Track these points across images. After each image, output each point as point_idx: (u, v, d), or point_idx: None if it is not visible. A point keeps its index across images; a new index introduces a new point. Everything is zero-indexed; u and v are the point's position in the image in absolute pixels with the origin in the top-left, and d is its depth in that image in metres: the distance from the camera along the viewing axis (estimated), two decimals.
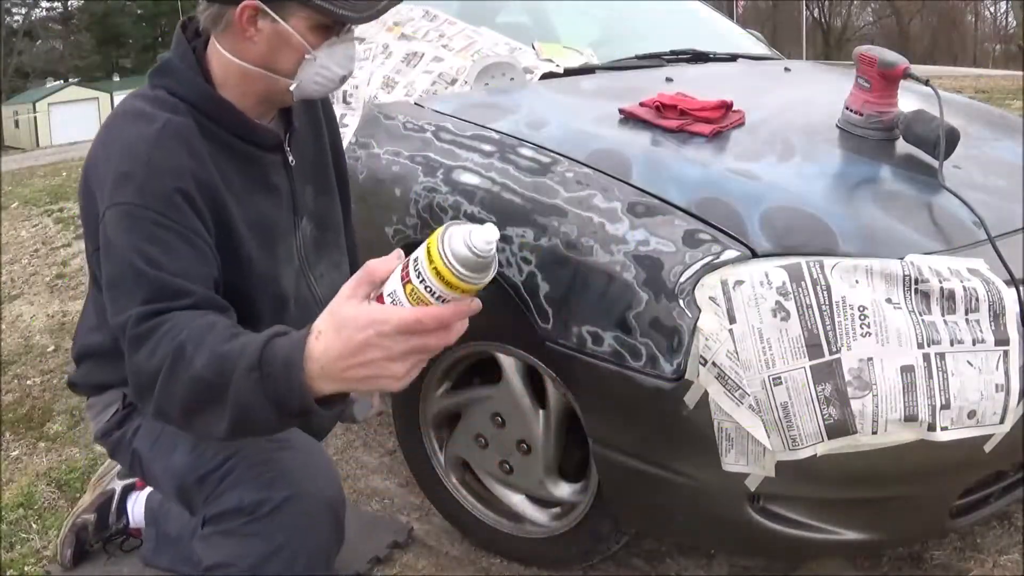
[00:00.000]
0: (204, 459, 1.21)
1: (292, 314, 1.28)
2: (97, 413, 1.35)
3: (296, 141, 1.32)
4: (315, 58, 1.17)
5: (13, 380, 2.89)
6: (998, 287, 1.25)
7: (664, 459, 1.32)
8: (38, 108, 33.46)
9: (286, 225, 1.29)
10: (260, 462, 1.17)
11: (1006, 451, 1.28)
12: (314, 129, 1.39)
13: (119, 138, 1.14)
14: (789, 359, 1.18)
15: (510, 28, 2.38)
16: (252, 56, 1.17)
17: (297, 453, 1.20)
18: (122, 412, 1.32)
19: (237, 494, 1.16)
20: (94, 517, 1.73)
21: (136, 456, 1.31)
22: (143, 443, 1.29)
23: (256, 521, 1.14)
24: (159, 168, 1.09)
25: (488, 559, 1.77)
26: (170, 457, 1.24)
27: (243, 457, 1.18)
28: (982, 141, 1.78)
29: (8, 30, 35.37)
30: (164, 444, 1.26)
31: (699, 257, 1.27)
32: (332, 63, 1.19)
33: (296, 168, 1.31)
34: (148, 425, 1.29)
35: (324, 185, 1.40)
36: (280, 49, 1.16)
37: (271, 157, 1.27)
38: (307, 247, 1.34)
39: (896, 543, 1.61)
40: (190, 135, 1.15)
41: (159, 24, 39.76)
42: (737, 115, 1.68)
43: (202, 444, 1.21)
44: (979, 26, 34.02)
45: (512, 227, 1.46)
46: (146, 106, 1.17)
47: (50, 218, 5.35)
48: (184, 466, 1.22)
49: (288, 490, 1.14)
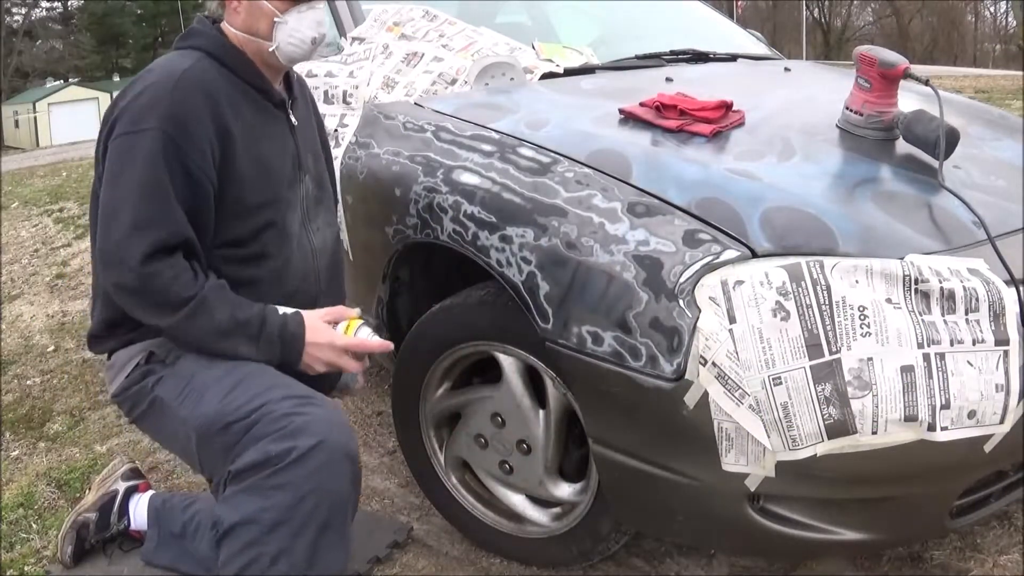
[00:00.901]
0: (231, 407, 1.29)
1: (293, 252, 1.48)
2: (117, 372, 1.44)
3: (296, 109, 1.55)
4: (285, 22, 1.42)
5: (13, 380, 2.89)
6: (998, 287, 1.25)
7: (664, 459, 1.32)
8: (38, 108, 33.46)
9: (291, 175, 1.49)
10: (283, 414, 1.26)
11: (1006, 451, 1.28)
12: (307, 110, 1.61)
13: (147, 81, 1.35)
14: (789, 359, 1.18)
15: (510, 28, 2.38)
16: (239, 24, 1.44)
17: (320, 408, 1.29)
18: (144, 367, 1.41)
19: (262, 446, 1.24)
20: (96, 516, 1.73)
21: (156, 404, 1.39)
22: (168, 391, 1.38)
23: (283, 471, 1.22)
24: (179, 102, 1.32)
25: (488, 559, 1.77)
26: (198, 404, 1.33)
27: (268, 411, 1.27)
28: (982, 141, 1.78)
29: (8, 30, 35.36)
30: (192, 392, 1.35)
31: (699, 257, 1.27)
32: (301, 26, 1.43)
33: (298, 130, 1.53)
34: (174, 377, 1.38)
35: (319, 156, 1.62)
36: (256, 15, 1.42)
37: (279, 113, 1.49)
38: (309, 202, 1.54)
39: (896, 543, 1.61)
40: (208, 78, 1.38)
41: (159, 24, 39.77)
42: (737, 115, 1.68)
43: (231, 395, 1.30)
44: (979, 26, 34.04)
45: (512, 227, 1.46)
46: (172, 59, 1.41)
47: (50, 218, 5.35)
48: (213, 412, 1.30)
49: (315, 438, 1.23)
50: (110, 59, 40.20)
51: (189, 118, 1.32)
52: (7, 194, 6.41)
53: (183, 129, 1.31)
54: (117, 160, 1.32)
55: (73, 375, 2.87)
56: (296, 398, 1.30)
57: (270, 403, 1.28)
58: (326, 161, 1.66)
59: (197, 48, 1.42)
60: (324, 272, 1.58)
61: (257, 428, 1.26)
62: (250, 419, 1.27)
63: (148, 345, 1.42)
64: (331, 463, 1.24)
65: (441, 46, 2.08)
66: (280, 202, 1.46)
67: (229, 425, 1.28)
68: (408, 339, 1.74)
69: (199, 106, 1.34)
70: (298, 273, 1.50)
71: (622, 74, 2.13)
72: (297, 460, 1.22)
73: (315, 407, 1.29)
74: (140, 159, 1.29)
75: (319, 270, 1.56)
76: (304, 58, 1.48)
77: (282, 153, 1.48)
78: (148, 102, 1.32)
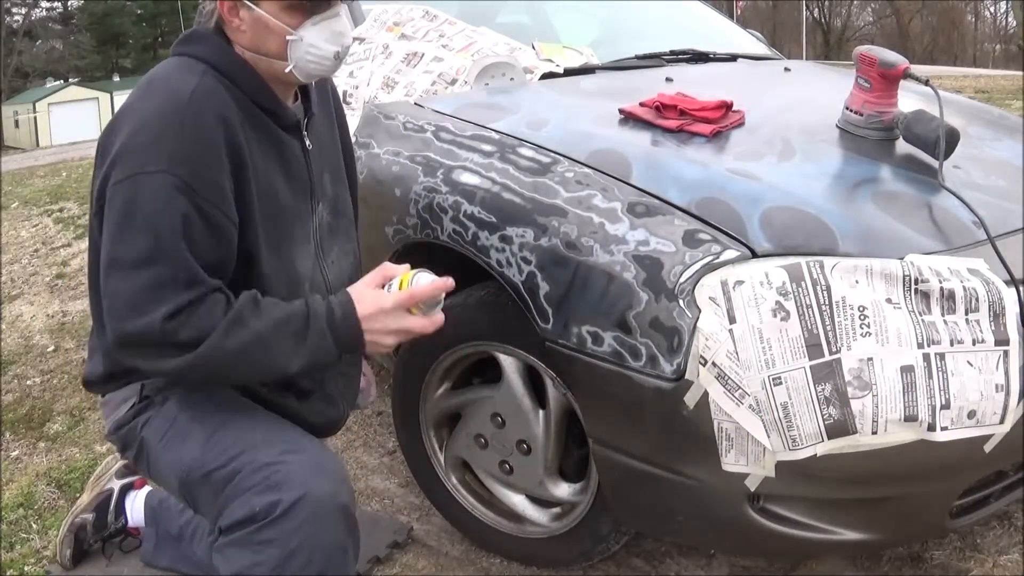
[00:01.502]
0: (212, 455, 1.21)
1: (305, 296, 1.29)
2: (112, 409, 1.35)
3: (313, 128, 1.35)
4: (300, 38, 1.20)
5: (13, 380, 2.89)
6: (998, 287, 1.25)
7: (664, 459, 1.32)
8: (38, 108, 33.47)
9: (303, 208, 1.31)
10: (266, 464, 1.17)
11: (1006, 451, 1.28)
12: (328, 119, 1.43)
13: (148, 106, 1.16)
14: (789, 359, 1.18)
15: (510, 28, 2.38)
16: (245, 42, 1.22)
17: (304, 454, 1.20)
18: (138, 405, 1.31)
19: (246, 500, 1.15)
20: (92, 516, 1.73)
21: (143, 447, 1.31)
22: (152, 434, 1.29)
23: (269, 526, 1.14)
24: (191, 137, 1.13)
25: (488, 559, 1.77)
26: (179, 450, 1.25)
27: (249, 460, 1.18)
28: (982, 141, 1.78)
29: (8, 30, 35.37)
30: (174, 437, 1.26)
31: (699, 257, 1.27)
32: (320, 41, 1.21)
33: (313, 153, 1.34)
34: (159, 418, 1.29)
35: (338, 175, 1.43)
36: (263, 33, 1.20)
37: (290, 139, 1.29)
38: (322, 233, 1.36)
39: (896, 543, 1.61)
40: (219, 100, 1.18)
41: (159, 24, 39.82)
42: (737, 115, 1.68)
43: (212, 440, 1.21)
44: (979, 26, 34.04)
45: (512, 227, 1.46)
46: (173, 72, 1.20)
47: (50, 218, 5.35)
48: (192, 460, 1.22)
49: (299, 490, 1.14)
50: (110, 59, 40.23)
51: (203, 153, 1.13)
52: (7, 194, 6.41)
53: (197, 168, 1.12)
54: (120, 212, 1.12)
55: (73, 375, 2.87)
56: (279, 444, 1.20)
57: (250, 451, 1.19)
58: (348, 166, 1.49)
59: (200, 59, 1.21)
60: None
61: (239, 479, 1.17)
62: (230, 468, 1.18)
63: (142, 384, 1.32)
64: (319, 515, 1.15)
65: (441, 46, 2.08)
66: (292, 242, 1.28)
67: (210, 473, 1.20)
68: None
69: (214, 135, 1.15)
70: None
71: (622, 74, 2.13)
72: (283, 515, 1.13)
73: (298, 454, 1.19)
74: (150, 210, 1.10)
75: None
76: (328, 74, 1.29)
77: (294, 186, 1.29)
78: (153, 137, 1.12)
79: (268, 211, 1.23)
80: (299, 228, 1.30)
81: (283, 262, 1.26)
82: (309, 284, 1.32)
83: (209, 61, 1.20)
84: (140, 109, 1.16)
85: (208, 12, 1.23)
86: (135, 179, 1.11)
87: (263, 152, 1.23)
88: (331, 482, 1.18)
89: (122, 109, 1.20)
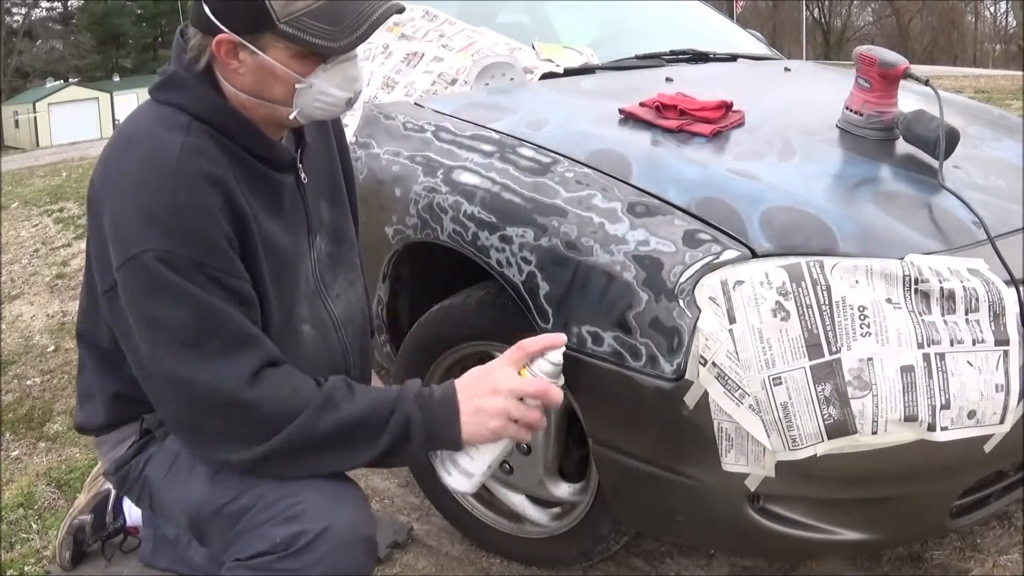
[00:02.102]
0: (220, 490, 1.15)
1: (309, 339, 1.24)
2: (110, 448, 1.29)
3: (308, 156, 1.27)
4: (310, 85, 1.10)
5: (13, 380, 2.89)
6: (998, 287, 1.25)
7: (664, 459, 1.32)
8: (38, 108, 33.47)
9: (301, 249, 1.23)
10: (282, 496, 1.11)
11: (1006, 451, 1.28)
12: (324, 140, 1.34)
13: (132, 171, 1.06)
14: (789, 359, 1.18)
15: (510, 28, 2.38)
16: (242, 85, 1.11)
17: (320, 483, 1.13)
18: (138, 443, 1.26)
19: (264, 532, 1.10)
20: (91, 517, 1.73)
21: (147, 485, 1.26)
22: (155, 471, 1.24)
23: (290, 557, 1.08)
24: (187, 206, 1.04)
25: (488, 559, 1.77)
26: (185, 486, 1.19)
27: (260, 494, 1.12)
28: (982, 141, 1.78)
29: (8, 30, 35.36)
30: (179, 473, 1.21)
31: (699, 257, 1.27)
32: (331, 87, 1.11)
33: (309, 185, 1.26)
34: (162, 454, 1.24)
35: (336, 197, 1.35)
36: (268, 80, 1.10)
37: (284, 178, 1.21)
38: (322, 267, 1.28)
39: (896, 543, 1.61)
40: (209, 158, 1.08)
41: (159, 24, 39.81)
42: (737, 115, 1.68)
43: (219, 475, 1.15)
44: (979, 26, 34.05)
45: (512, 227, 1.46)
46: (156, 128, 1.09)
47: (50, 218, 5.34)
48: (201, 496, 1.17)
49: (322, 522, 1.08)
50: (110, 59, 40.22)
51: (203, 223, 1.04)
52: (7, 194, 6.41)
53: (198, 240, 1.04)
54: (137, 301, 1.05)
55: (73, 375, 2.86)
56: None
57: (260, 482, 1.12)
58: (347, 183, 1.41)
59: (182, 108, 1.10)
60: (353, 344, 1.33)
61: (253, 513, 1.11)
62: (242, 502, 1.12)
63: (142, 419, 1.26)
64: (342, 546, 1.08)
65: (441, 46, 2.08)
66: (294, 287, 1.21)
67: (221, 508, 1.14)
68: (408, 339, 1.74)
69: (209, 199, 1.05)
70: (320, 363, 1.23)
71: (622, 74, 2.13)
72: (305, 547, 1.07)
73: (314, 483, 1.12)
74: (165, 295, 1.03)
75: (347, 344, 1.31)
76: (334, 117, 1.22)
77: (291, 226, 1.21)
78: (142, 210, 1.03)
79: (274, 265, 1.16)
80: (298, 271, 1.23)
81: (283, 310, 1.19)
82: (311, 326, 1.24)
83: (194, 113, 1.10)
84: (125, 173, 1.07)
85: (195, 47, 1.11)
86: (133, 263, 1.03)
87: (259, 201, 1.15)
88: (352, 511, 1.12)
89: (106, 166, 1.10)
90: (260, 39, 1.07)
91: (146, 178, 1.05)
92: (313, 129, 1.30)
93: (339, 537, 1.08)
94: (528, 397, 1.11)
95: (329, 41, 1.07)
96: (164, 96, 1.12)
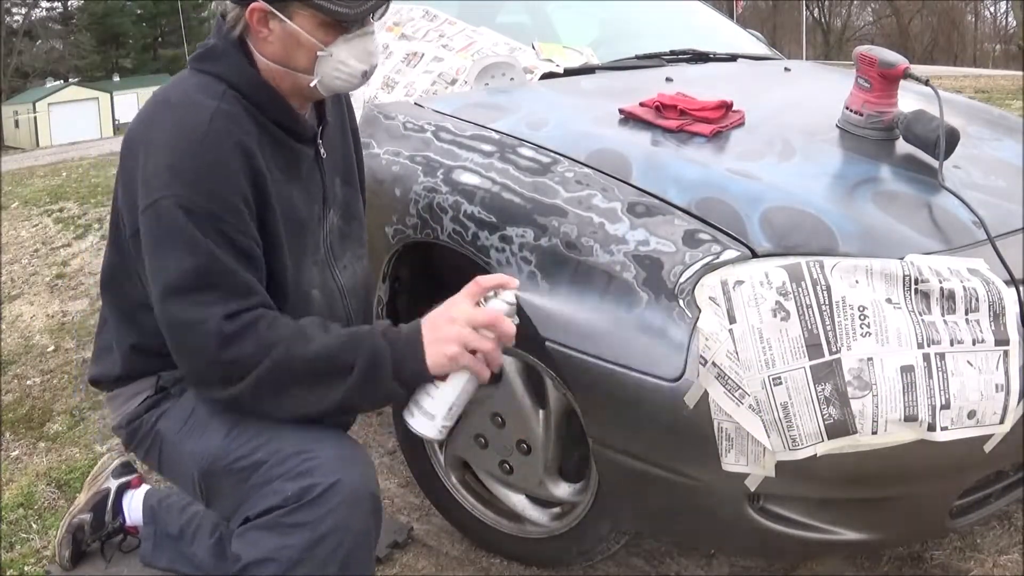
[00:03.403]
0: (236, 444, 1.20)
1: (317, 304, 1.31)
2: (123, 403, 1.34)
3: (327, 134, 1.36)
4: (330, 54, 1.20)
5: (13, 380, 2.89)
6: (998, 287, 1.25)
7: (664, 459, 1.32)
8: (38, 108, 33.48)
9: (315, 217, 1.32)
10: (295, 452, 1.16)
11: (1006, 451, 1.28)
12: (341, 123, 1.44)
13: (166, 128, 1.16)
14: (789, 359, 1.18)
15: (510, 28, 2.38)
16: (271, 54, 1.22)
17: (331, 442, 1.19)
18: (152, 398, 1.31)
19: (277, 487, 1.15)
20: (90, 516, 1.73)
21: (158, 439, 1.30)
22: (169, 426, 1.28)
23: (301, 509, 1.13)
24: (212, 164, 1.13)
25: (488, 559, 1.77)
26: (199, 440, 1.24)
27: (276, 449, 1.18)
28: (982, 141, 1.78)
29: (8, 30, 35.38)
30: (195, 426, 1.26)
31: (699, 257, 1.27)
32: (350, 58, 1.21)
33: (326, 160, 1.35)
34: (177, 409, 1.29)
35: (349, 177, 1.44)
36: (293, 47, 1.20)
37: (305, 149, 1.30)
38: (333, 238, 1.37)
39: (896, 543, 1.61)
40: (238, 124, 1.18)
41: (159, 24, 39.85)
42: (737, 115, 1.68)
43: (235, 430, 1.21)
44: (979, 26, 34.04)
45: (512, 227, 1.46)
46: (192, 93, 1.19)
47: (50, 218, 5.34)
48: (216, 450, 1.22)
49: (333, 476, 1.14)
50: (110, 59, 40.23)
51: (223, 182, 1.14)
52: (7, 194, 6.40)
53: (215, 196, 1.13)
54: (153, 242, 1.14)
55: (73, 375, 2.87)
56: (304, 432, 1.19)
57: (276, 440, 1.18)
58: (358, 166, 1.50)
59: (219, 77, 1.21)
60: (358, 314, 1.42)
61: (267, 468, 1.17)
62: (256, 457, 1.18)
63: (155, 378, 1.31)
64: (351, 500, 1.15)
65: (441, 46, 2.09)
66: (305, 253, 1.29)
67: (234, 462, 1.19)
68: None
69: (233, 162, 1.15)
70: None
71: (622, 74, 2.13)
72: (316, 499, 1.13)
73: (325, 442, 1.19)
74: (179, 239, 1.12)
75: (351, 312, 1.39)
76: (351, 90, 1.30)
77: (308, 196, 1.30)
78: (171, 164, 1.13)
79: (291, 228, 1.24)
80: (310, 238, 1.31)
81: (294, 274, 1.26)
82: (320, 291, 1.32)
83: (230, 81, 1.20)
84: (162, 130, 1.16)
85: (233, 19, 1.22)
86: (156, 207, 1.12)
87: (281, 168, 1.24)
88: (362, 468, 1.19)
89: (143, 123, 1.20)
90: (288, 7, 1.18)
91: (179, 135, 1.15)
92: (333, 110, 1.39)
93: (350, 490, 1.14)
94: (482, 327, 1.16)
95: (346, 8, 1.17)
96: (202, 66, 1.23)
